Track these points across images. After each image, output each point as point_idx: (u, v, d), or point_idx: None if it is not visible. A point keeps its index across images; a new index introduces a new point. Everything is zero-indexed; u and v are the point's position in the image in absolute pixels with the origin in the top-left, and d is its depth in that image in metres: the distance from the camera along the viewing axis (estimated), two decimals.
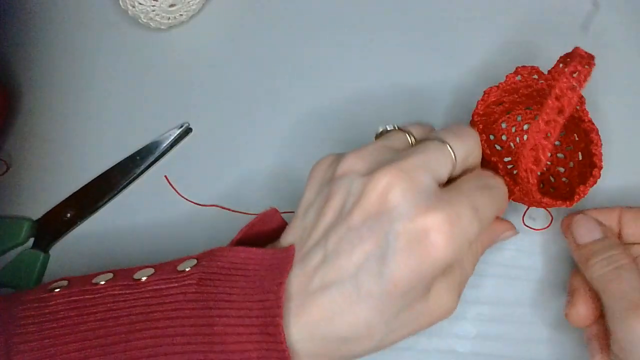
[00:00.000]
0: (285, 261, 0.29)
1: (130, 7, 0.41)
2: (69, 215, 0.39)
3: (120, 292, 0.29)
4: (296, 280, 0.28)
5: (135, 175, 0.40)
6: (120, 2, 0.41)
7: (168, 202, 0.39)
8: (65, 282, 0.30)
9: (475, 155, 0.32)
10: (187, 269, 0.29)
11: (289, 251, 0.29)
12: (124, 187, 0.40)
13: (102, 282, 0.30)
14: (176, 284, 0.29)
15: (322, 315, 0.28)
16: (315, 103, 0.41)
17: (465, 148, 0.30)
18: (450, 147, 0.29)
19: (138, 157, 0.40)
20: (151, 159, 0.40)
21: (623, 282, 0.31)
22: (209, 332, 0.27)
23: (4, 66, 0.44)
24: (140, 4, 0.40)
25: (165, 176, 0.39)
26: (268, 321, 0.27)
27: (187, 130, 0.41)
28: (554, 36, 0.40)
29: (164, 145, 0.40)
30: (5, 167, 0.41)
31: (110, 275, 0.30)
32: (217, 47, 0.43)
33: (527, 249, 0.36)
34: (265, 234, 0.33)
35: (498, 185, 0.32)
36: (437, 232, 0.27)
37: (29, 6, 0.46)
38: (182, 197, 0.39)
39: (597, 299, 0.32)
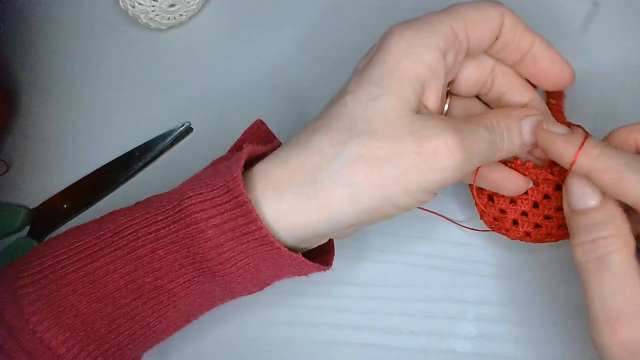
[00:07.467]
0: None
1: (130, 8, 0.41)
2: (65, 206, 0.39)
3: (116, 213, 0.29)
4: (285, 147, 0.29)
5: (133, 171, 0.40)
6: (120, 2, 0.41)
7: None
8: None
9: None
10: None
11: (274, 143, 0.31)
12: (122, 183, 0.40)
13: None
14: (164, 196, 0.29)
15: (288, 153, 0.28)
16: (318, 101, 0.41)
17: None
18: None
19: (137, 153, 0.40)
20: (150, 155, 0.40)
21: (604, 281, 0.25)
22: (179, 209, 0.27)
23: (4, 67, 0.44)
24: (140, 4, 0.41)
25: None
26: (228, 179, 0.27)
27: (188, 130, 0.41)
28: (554, 36, 0.40)
29: (164, 143, 0.40)
30: (5, 167, 0.41)
31: None
32: (217, 47, 0.43)
33: (529, 250, 0.36)
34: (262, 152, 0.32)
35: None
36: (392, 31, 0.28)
37: (29, 6, 0.46)
38: None
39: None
